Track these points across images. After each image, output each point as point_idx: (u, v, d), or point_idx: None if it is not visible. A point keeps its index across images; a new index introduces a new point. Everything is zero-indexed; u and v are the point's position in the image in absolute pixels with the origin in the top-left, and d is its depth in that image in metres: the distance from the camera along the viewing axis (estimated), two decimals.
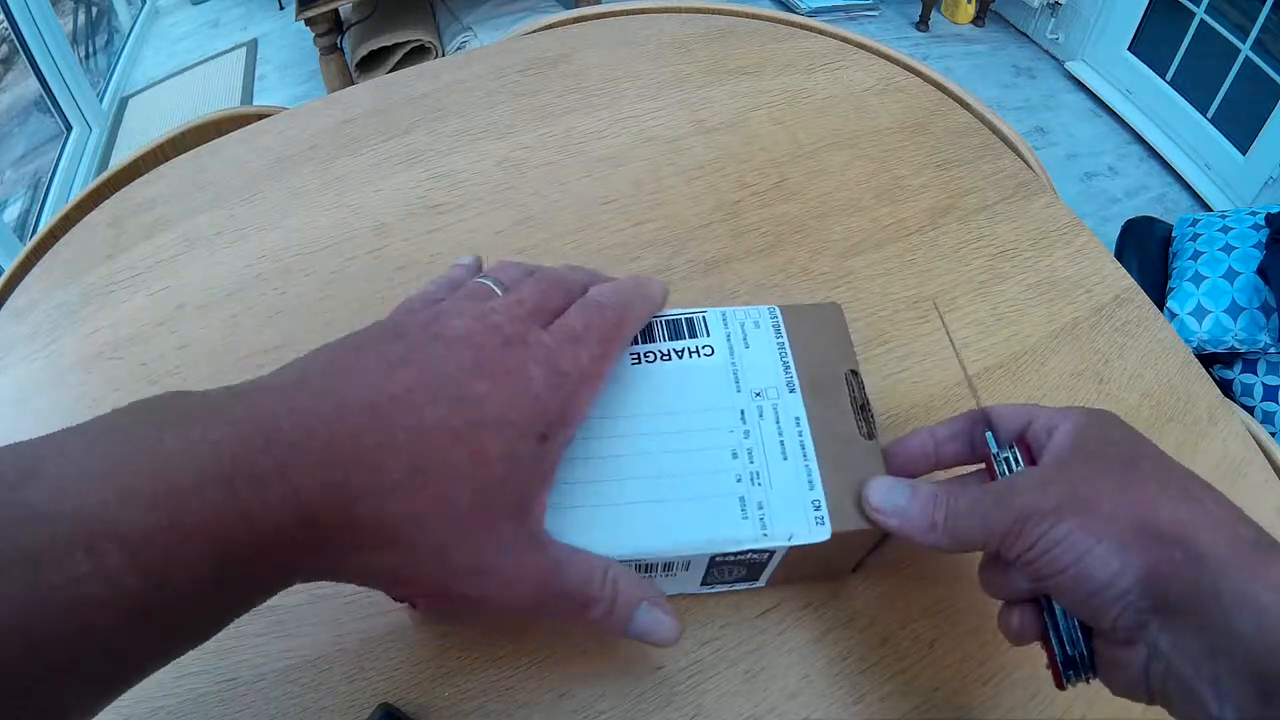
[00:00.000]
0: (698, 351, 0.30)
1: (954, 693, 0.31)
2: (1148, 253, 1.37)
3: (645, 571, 0.28)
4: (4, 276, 0.49)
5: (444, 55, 1.70)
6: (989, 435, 0.28)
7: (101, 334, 0.42)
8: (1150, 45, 1.87)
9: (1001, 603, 0.27)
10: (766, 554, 0.27)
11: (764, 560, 0.28)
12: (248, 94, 1.97)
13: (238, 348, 0.41)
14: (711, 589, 0.31)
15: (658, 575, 0.28)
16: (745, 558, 0.28)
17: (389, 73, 0.94)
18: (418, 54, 1.72)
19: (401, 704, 0.30)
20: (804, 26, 0.62)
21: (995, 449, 0.27)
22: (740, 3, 0.66)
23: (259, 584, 0.20)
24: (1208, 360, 1.26)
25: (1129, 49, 1.91)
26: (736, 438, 0.28)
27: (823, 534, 0.26)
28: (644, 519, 0.26)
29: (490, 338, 0.23)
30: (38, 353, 0.42)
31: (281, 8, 2.26)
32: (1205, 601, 0.20)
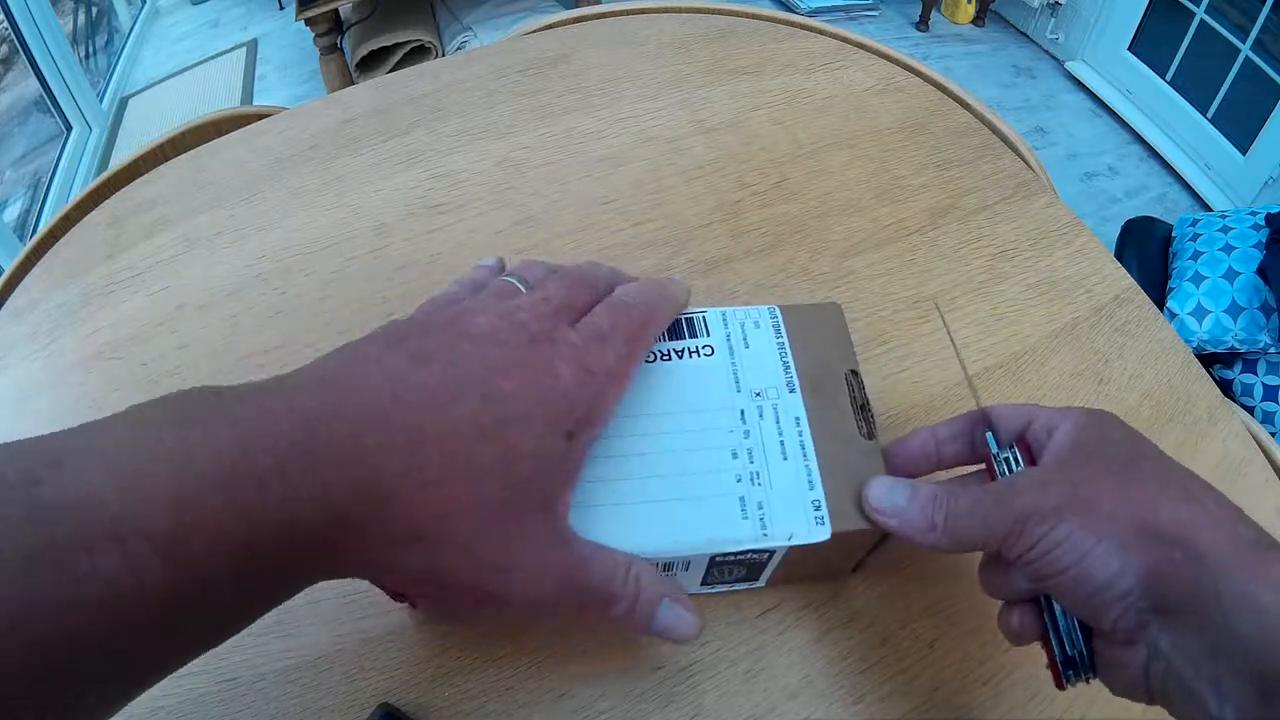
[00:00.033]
0: (697, 351, 0.30)
1: (954, 693, 0.31)
2: (1148, 253, 1.37)
3: None
4: (4, 276, 0.49)
5: (444, 55, 1.70)
6: (989, 435, 0.28)
7: (101, 334, 0.42)
8: (1150, 45, 1.87)
9: (1001, 603, 0.27)
10: (766, 554, 0.27)
11: (764, 560, 0.28)
12: (248, 94, 1.97)
13: (238, 348, 0.41)
14: (711, 589, 0.31)
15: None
16: (745, 558, 0.28)
17: (389, 73, 0.94)
18: (418, 54, 1.72)
19: (401, 704, 0.30)
20: (804, 26, 0.62)
21: (995, 449, 0.27)
22: (740, 3, 0.66)
23: (284, 581, 0.20)
24: (1208, 360, 1.26)
25: (1129, 49, 1.91)
26: (736, 438, 0.28)
27: (823, 534, 0.26)
28: (643, 519, 0.26)
29: (517, 335, 0.23)
30: (38, 353, 0.42)
31: (281, 8, 2.26)
32: (1205, 602, 0.20)
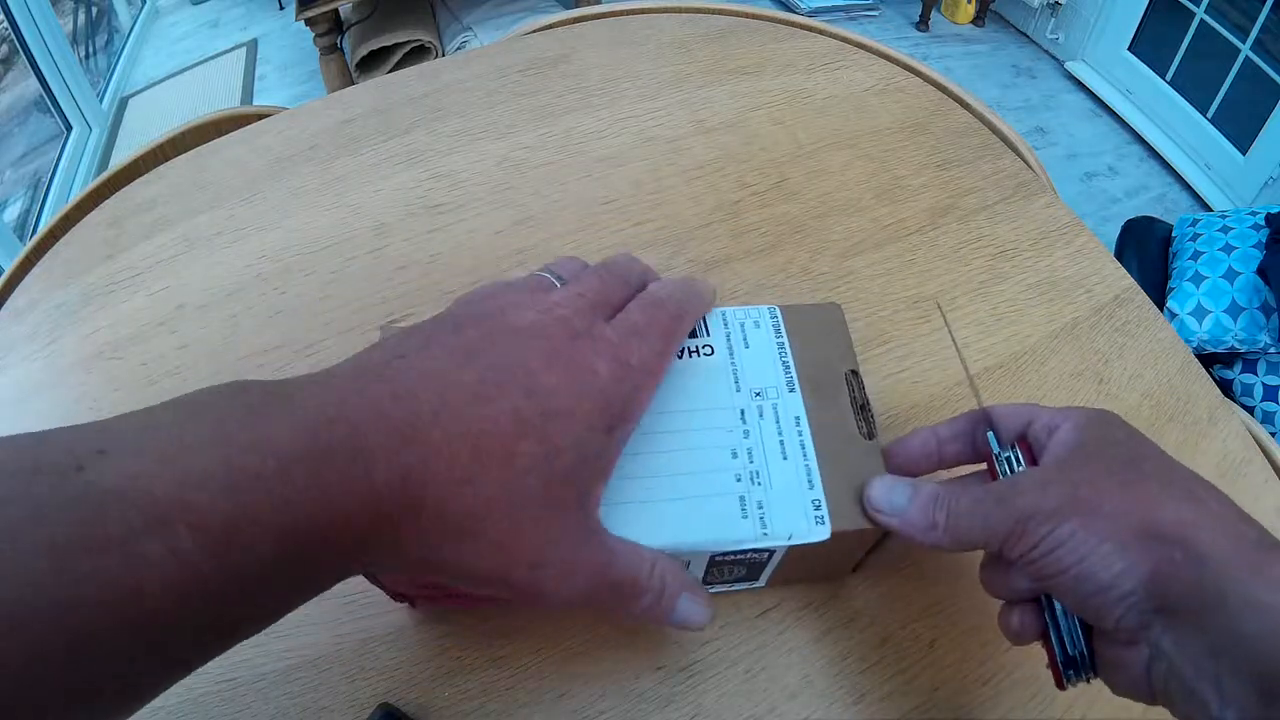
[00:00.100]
0: (697, 351, 0.30)
1: (954, 693, 0.31)
2: (1148, 253, 1.37)
3: None
4: (4, 276, 0.49)
5: (444, 55, 1.70)
6: (990, 435, 0.28)
7: (101, 334, 0.42)
8: (1150, 45, 1.87)
9: (1001, 602, 0.27)
10: (766, 553, 0.27)
11: (764, 560, 0.28)
12: (248, 94, 1.97)
13: (238, 348, 0.41)
14: (711, 589, 0.31)
15: None
16: (745, 557, 0.28)
17: (389, 73, 0.94)
18: (418, 54, 1.72)
19: (401, 704, 0.30)
20: (804, 26, 0.62)
21: (996, 449, 0.27)
22: (740, 3, 0.66)
23: (322, 572, 0.20)
24: (1208, 360, 1.26)
25: (1129, 49, 1.91)
26: (736, 437, 0.28)
27: (822, 533, 0.26)
28: (643, 517, 0.26)
29: (558, 330, 0.24)
30: (38, 353, 0.42)
31: (281, 8, 2.26)
32: (1208, 602, 0.20)
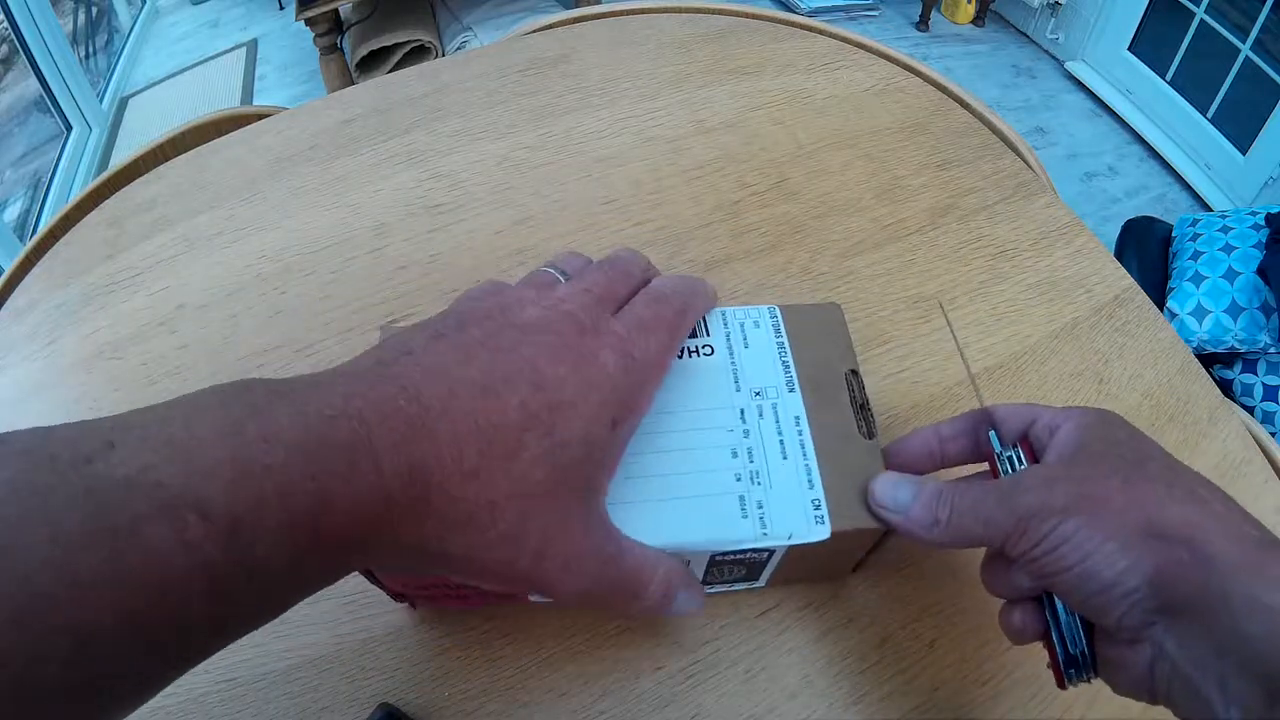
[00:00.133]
0: (697, 351, 0.30)
1: (954, 693, 0.31)
2: (1148, 253, 1.37)
3: None
4: (4, 276, 0.49)
5: (444, 55, 1.70)
6: (992, 434, 0.28)
7: (101, 334, 0.42)
8: (1150, 45, 1.87)
9: (1002, 601, 0.27)
10: (766, 553, 0.27)
11: (763, 560, 0.28)
12: (248, 94, 1.97)
13: (238, 348, 0.41)
14: (711, 589, 0.31)
15: None
16: (745, 557, 0.28)
17: (389, 73, 0.94)
18: (418, 54, 1.72)
19: (401, 704, 0.30)
20: (804, 26, 0.62)
21: (998, 448, 0.27)
22: (740, 3, 0.66)
23: (329, 564, 0.20)
24: (1208, 360, 1.26)
25: (1129, 49, 1.91)
26: (736, 437, 0.28)
27: (822, 533, 0.26)
28: (643, 517, 0.26)
29: (565, 325, 0.24)
30: (38, 353, 0.42)
31: (281, 8, 2.26)
32: (1213, 603, 0.20)
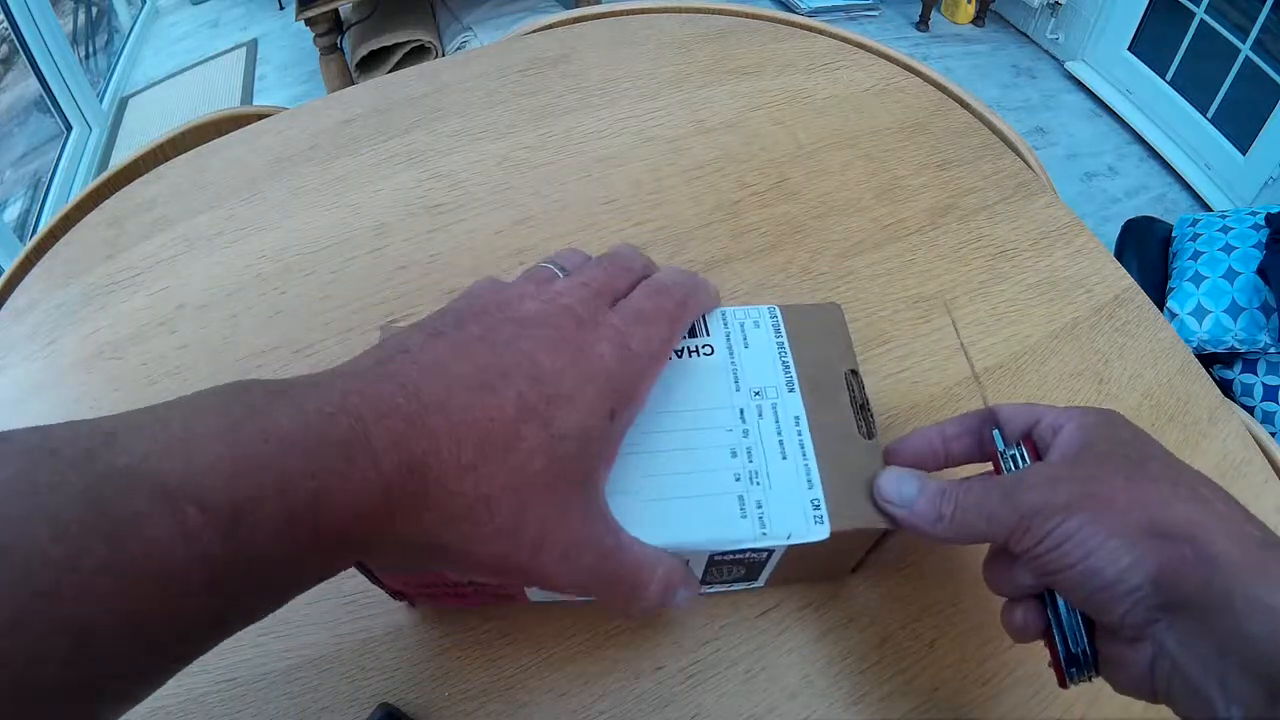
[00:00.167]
0: (697, 350, 0.30)
1: (954, 693, 0.31)
2: (1148, 253, 1.37)
3: None
4: (4, 276, 0.49)
5: (444, 55, 1.70)
6: (996, 433, 0.28)
7: (101, 334, 0.42)
8: (1150, 45, 1.87)
9: (1004, 600, 0.27)
10: (765, 553, 0.27)
11: (763, 559, 0.28)
12: (248, 94, 1.97)
13: (238, 348, 0.41)
14: (710, 589, 0.31)
15: None
16: (744, 557, 0.28)
17: (389, 73, 0.94)
18: (418, 54, 1.72)
19: (401, 704, 0.30)
20: (804, 26, 0.62)
21: (1002, 446, 0.27)
22: (740, 3, 0.66)
23: (329, 558, 0.20)
24: (1208, 360, 1.26)
25: (1129, 49, 1.91)
26: (735, 436, 0.28)
27: (821, 533, 0.26)
28: (642, 517, 0.26)
29: (563, 318, 0.24)
30: (38, 353, 0.42)
31: (281, 8, 2.26)
32: (1215, 602, 0.20)
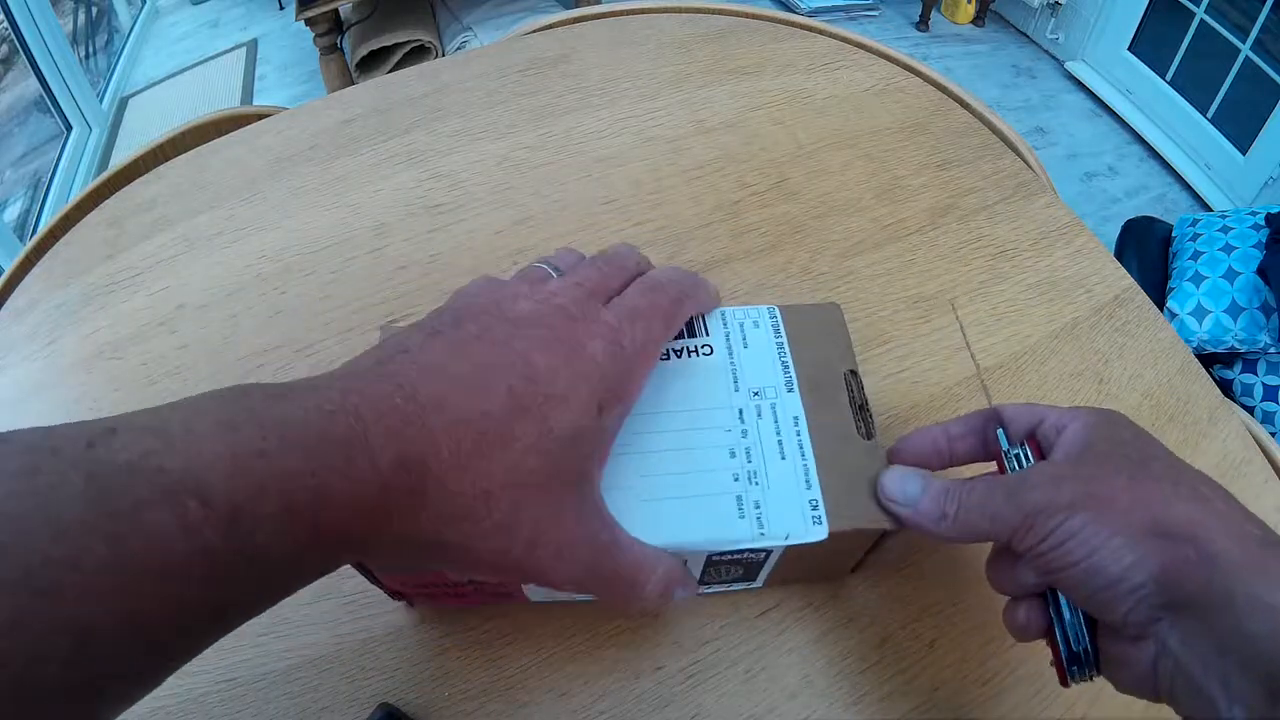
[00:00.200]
0: (696, 350, 0.30)
1: (954, 692, 0.31)
2: (1148, 253, 1.37)
3: None
4: (4, 276, 0.49)
5: (444, 55, 1.70)
6: (1000, 433, 0.28)
7: (101, 334, 0.42)
8: (1150, 45, 1.87)
9: (1006, 599, 0.27)
10: (763, 553, 0.27)
11: (761, 560, 0.28)
12: (248, 94, 1.97)
13: (238, 348, 0.41)
14: (708, 589, 0.31)
15: None
16: (742, 557, 0.28)
17: (389, 73, 0.94)
18: (418, 54, 1.72)
19: (401, 704, 0.30)
20: (804, 26, 0.62)
21: (1006, 445, 0.27)
22: (740, 3, 0.66)
23: (328, 555, 0.20)
24: (1208, 360, 1.26)
25: (1129, 49, 1.91)
26: (734, 437, 0.28)
27: (820, 533, 0.26)
28: (640, 517, 0.26)
29: (556, 317, 0.24)
30: (38, 353, 0.42)
31: (281, 8, 2.26)
32: (1217, 601, 0.20)
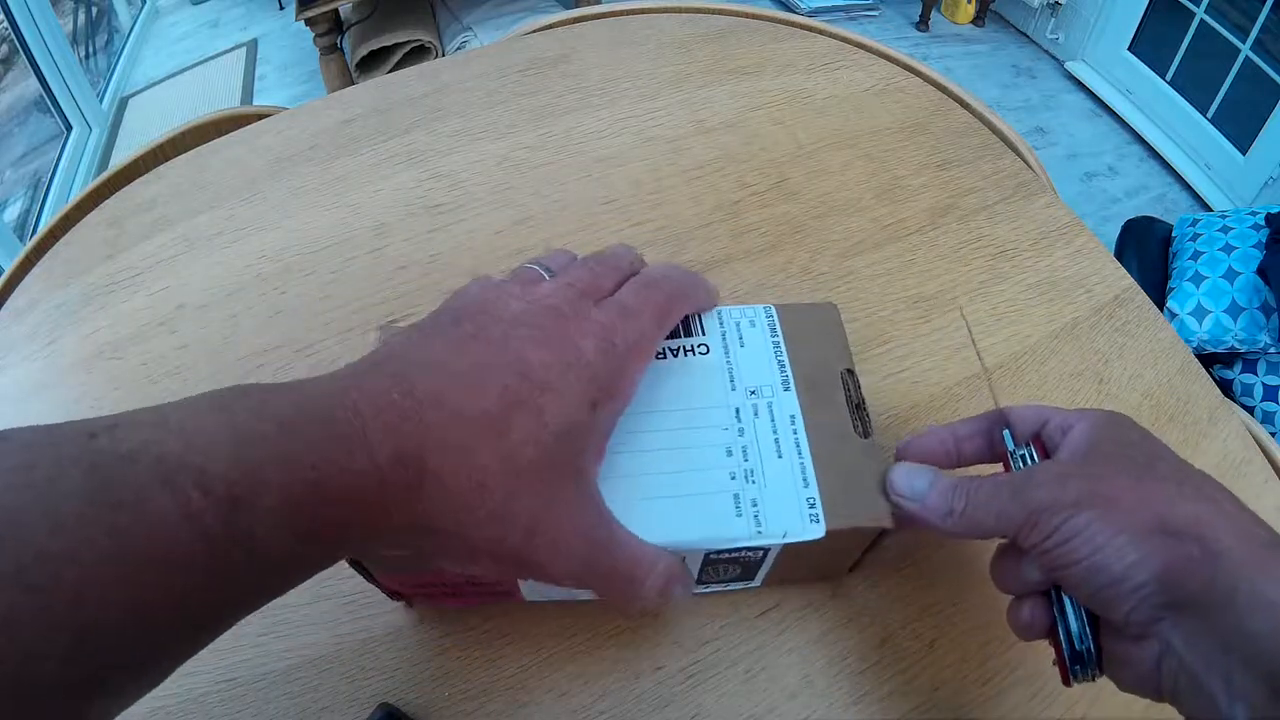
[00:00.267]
0: (693, 350, 0.30)
1: (954, 692, 0.31)
2: (1148, 253, 1.37)
3: None
4: (4, 276, 0.49)
5: (444, 55, 1.70)
6: (1006, 433, 0.28)
7: (101, 334, 0.42)
8: (1150, 45, 1.87)
9: (1009, 599, 0.27)
10: (761, 552, 0.27)
11: (758, 558, 0.28)
12: (248, 94, 1.97)
13: (238, 348, 0.41)
14: (706, 588, 0.31)
15: None
16: (739, 556, 0.28)
17: (389, 73, 0.94)
18: (418, 54, 1.72)
19: (401, 704, 0.30)
20: (804, 26, 0.62)
21: (1012, 446, 0.28)
22: (740, 3, 0.66)
23: (327, 547, 0.20)
24: (1208, 360, 1.26)
25: (1129, 49, 1.91)
26: (731, 435, 0.28)
27: (816, 532, 0.26)
28: (638, 516, 0.26)
29: (547, 317, 0.25)
30: (38, 353, 0.42)
31: (281, 8, 2.26)
32: (1220, 599, 0.20)
